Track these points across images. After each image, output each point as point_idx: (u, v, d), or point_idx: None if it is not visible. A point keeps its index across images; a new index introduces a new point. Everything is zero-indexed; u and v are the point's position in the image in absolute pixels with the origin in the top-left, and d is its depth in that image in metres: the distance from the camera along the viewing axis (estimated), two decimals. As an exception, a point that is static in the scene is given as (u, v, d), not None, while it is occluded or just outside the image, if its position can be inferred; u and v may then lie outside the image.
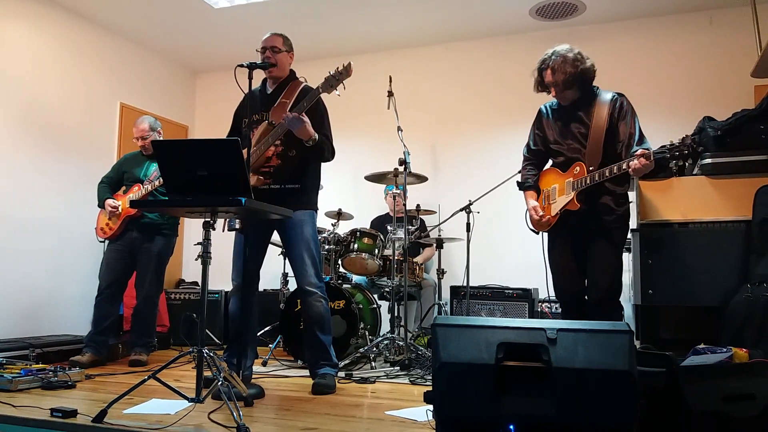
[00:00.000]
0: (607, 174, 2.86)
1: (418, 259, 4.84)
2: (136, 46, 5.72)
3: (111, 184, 4.20)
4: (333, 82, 2.97)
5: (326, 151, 3.15)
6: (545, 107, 3.27)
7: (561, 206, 3.01)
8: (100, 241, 4.19)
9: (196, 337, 4.75)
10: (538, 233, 3.25)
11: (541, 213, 3.10)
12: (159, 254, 4.11)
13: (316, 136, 3.03)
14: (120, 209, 4.03)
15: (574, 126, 3.06)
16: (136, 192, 4.05)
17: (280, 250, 4.51)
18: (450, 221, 4.50)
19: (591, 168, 2.93)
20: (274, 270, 5.04)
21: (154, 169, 4.10)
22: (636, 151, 2.79)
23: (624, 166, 2.80)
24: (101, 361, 3.93)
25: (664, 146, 2.74)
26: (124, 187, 4.19)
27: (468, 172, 5.36)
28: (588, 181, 2.91)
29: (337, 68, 2.96)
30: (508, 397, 1.86)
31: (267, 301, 4.94)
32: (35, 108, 4.73)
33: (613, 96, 3.02)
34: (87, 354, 3.87)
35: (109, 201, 4.06)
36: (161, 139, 4.21)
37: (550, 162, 3.26)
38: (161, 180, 3.94)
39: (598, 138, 2.96)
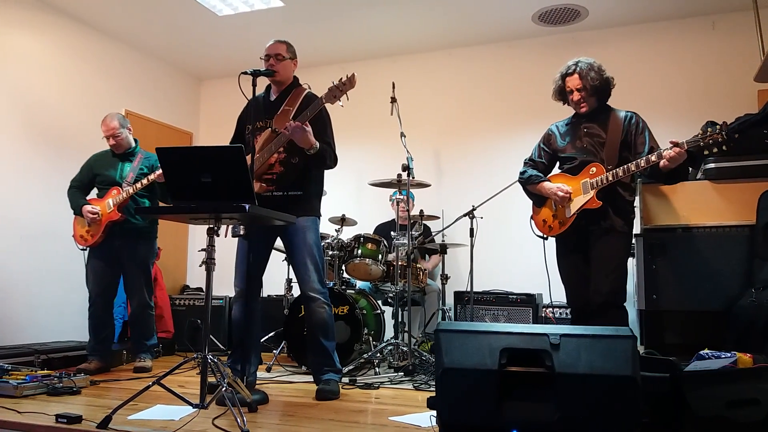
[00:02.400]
0: (632, 168, 2.86)
1: (428, 265, 4.83)
2: (141, 54, 5.76)
3: (81, 188, 4.05)
4: (336, 92, 2.98)
5: (328, 159, 3.17)
6: (555, 126, 3.29)
7: (580, 206, 3.00)
8: (81, 249, 3.99)
9: (200, 343, 4.76)
10: (546, 238, 3.24)
11: (568, 189, 3.04)
12: (145, 259, 4.03)
13: (318, 144, 3.04)
14: (100, 215, 3.88)
15: (588, 134, 3.10)
16: (116, 196, 3.88)
17: (283, 256, 4.52)
18: (454, 227, 4.50)
19: (610, 167, 2.94)
20: (278, 276, 5.05)
21: (129, 169, 3.97)
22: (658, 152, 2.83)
23: (653, 158, 2.80)
24: (107, 367, 3.94)
25: (697, 135, 2.75)
26: (96, 190, 4.04)
27: (471, 177, 5.37)
28: (610, 178, 2.91)
29: (341, 79, 2.97)
30: (511, 402, 1.86)
31: (271, 307, 4.95)
32: (40, 115, 4.76)
33: (627, 113, 3.09)
34: (93, 361, 3.87)
35: (88, 207, 3.87)
36: (131, 135, 4.09)
37: (557, 170, 3.26)
38: (142, 183, 3.83)
39: (615, 144, 3.00)
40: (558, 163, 3.27)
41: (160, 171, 3.76)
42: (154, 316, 4.19)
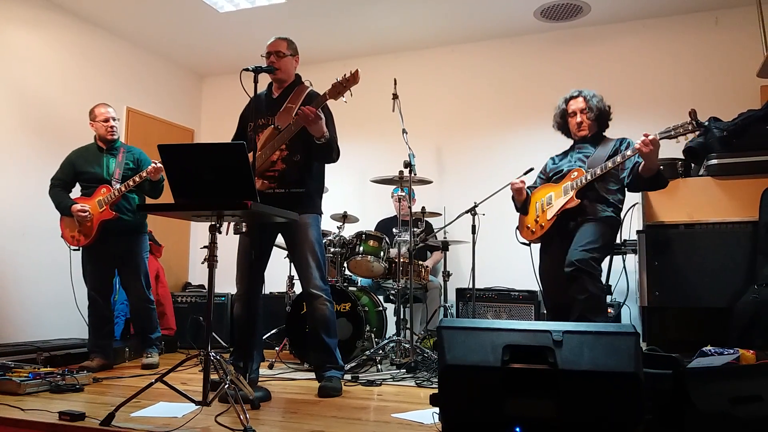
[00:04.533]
0: (609, 165, 2.92)
1: (428, 262, 4.83)
2: (142, 51, 5.75)
3: (64, 187, 3.96)
4: (340, 88, 2.98)
5: (334, 151, 3.17)
6: (551, 158, 3.41)
7: (560, 207, 3.03)
8: (74, 250, 3.94)
9: (202, 340, 4.76)
10: (529, 244, 3.29)
11: (520, 182, 3.22)
12: (139, 253, 4.02)
13: (328, 133, 3.05)
14: (91, 215, 3.81)
15: (578, 155, 3.21)
16: (106, 195, 3.82)
17: (285, 253, 4.52)
18: (455, 223, 4.50)
19: (590, 169, 2.98)
20: (280, 273, 5.04)
21: (115, 165, 3.92)
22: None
23: (629, 153, 2.86)
24: (109, 364, 3.94)
25: (669, 127, 2.85)
26: (80, 188, 3.98)
27: (473, 174, 5.36)
28: (589, 177, 2.96)
29: (344, 75, 2.96)
30: (514, 399, 1.86)
31: (273, 304, 4.95)
32: (42, 113, 4.76)
33: (620, 138, 3.18)
34: (96, 359, 3.87)
35: (77, 207, 3.80)
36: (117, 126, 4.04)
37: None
38: (134, 180, 3.77)
39: (601, 157, 3.09)
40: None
41: (152, 166, 3.77)
42: (154, 309, 4.16)
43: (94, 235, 3.84)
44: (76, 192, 4.04)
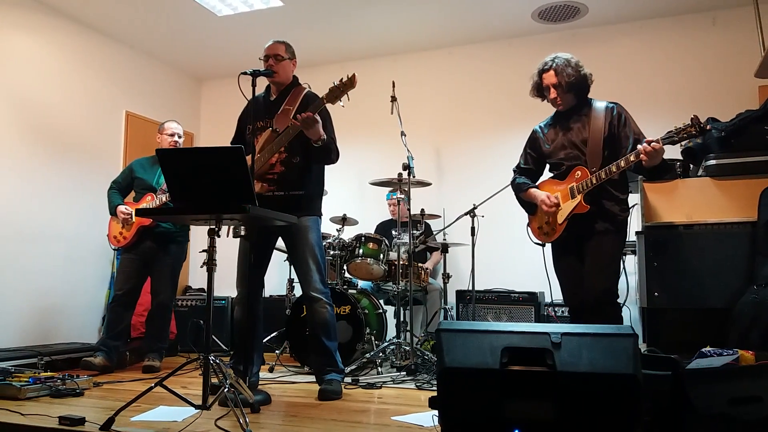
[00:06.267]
0: (614, 169, 2.86)
1: (427, 264, 4.84)
2: (141, 55, 5.76)
3: (121, 190, 4.20)
4: (337, 93, 2.98)
5: (333, 153, 3.18)
6: (539, 127, 3.29)
7: (569, 211, 3.00)
8: (114, 249, 4.18)
9: (203, 343, 4.76)
10: (544, 245, 3.24)
11: (555, 201, 3.04)
12: (174, 262, 4.16)
13: (325, 136, 3.05)
14: (133, 217, 4.02)
15: (571, 135, 3.09)
16: (150, 202, 4.04)
17: (285, 256, 4.53)
18: (455, 225, 4.50)
19: (594, 169, 2.94)
20: (280, 276, 5.05)
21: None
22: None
23: (632, 158, 2.81)
24: (111, 367, 3.95)
25: (671, 131, 2.78)
26: (133, 194, 4.19)
27: (472, 175, 5.37)
28: (594, 181, 2.91)
29: (342, 79, 2.97)
30: (512, 401, 1.86)
31: (273, 307, 4.95)
32: (41, 118, 4.77)
33: (608, 105, 3.06)
34: (99, 357, 3.91)
35: (122, 208, 4.04)
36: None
37: (547, 175, 3.27)
38: None
39: (597, 144, 2.99)
40: (548, 167, 3.28)
41: None
42: (170, 319, 4.27)
43: (132, 238, 4.04)
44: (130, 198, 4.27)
